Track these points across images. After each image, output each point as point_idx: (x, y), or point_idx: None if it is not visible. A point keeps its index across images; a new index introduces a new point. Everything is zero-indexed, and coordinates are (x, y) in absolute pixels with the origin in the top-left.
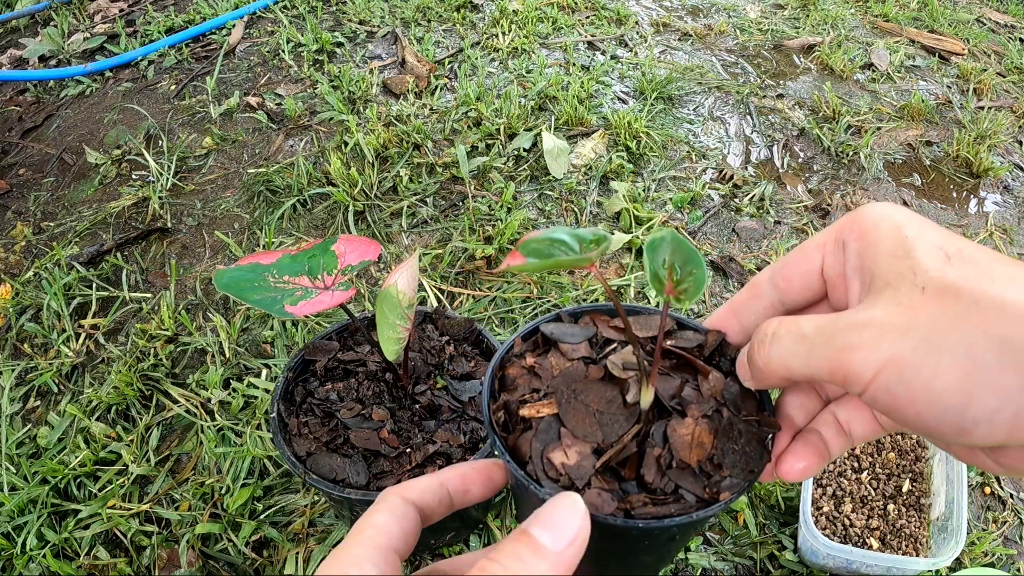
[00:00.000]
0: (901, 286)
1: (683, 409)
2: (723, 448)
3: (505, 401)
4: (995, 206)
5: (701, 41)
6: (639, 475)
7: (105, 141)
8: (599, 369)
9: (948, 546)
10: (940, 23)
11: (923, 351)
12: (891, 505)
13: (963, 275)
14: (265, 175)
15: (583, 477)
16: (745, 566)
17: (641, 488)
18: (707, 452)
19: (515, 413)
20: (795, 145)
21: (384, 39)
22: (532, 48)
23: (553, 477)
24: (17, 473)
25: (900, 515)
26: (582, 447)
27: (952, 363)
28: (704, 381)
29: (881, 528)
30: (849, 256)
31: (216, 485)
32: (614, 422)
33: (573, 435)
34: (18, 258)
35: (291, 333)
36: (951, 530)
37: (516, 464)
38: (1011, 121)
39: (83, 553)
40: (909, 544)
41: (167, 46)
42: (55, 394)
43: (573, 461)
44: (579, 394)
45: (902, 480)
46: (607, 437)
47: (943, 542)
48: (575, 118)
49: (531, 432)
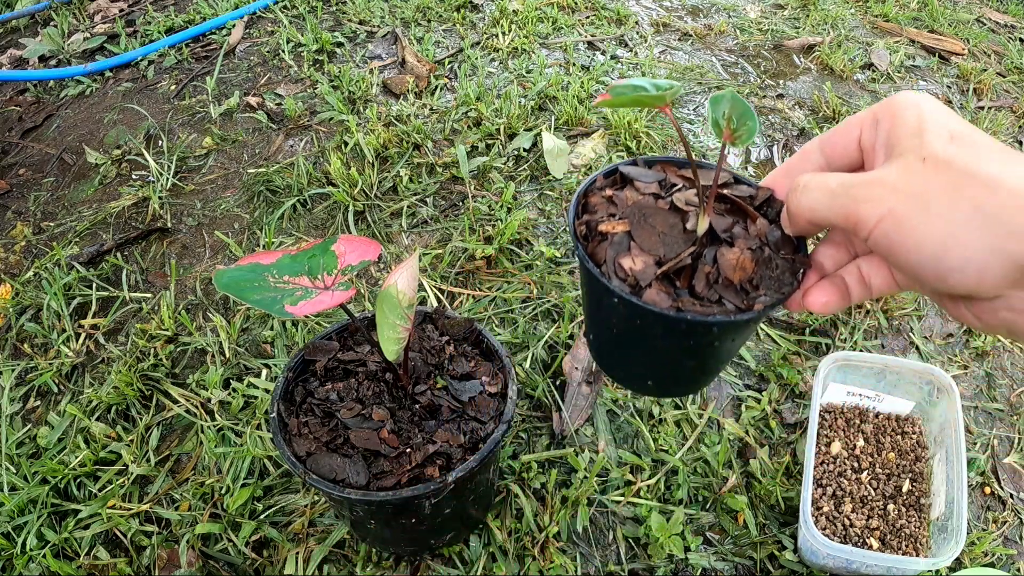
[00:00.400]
0: (909, 156)
1: (732, 241)
2: (761, 274)
3: (587, 220)
4: None
5: (701, 41)
6: (691, 285)
7: (105, 141)
8: (666, 203)
9: (948, 546)
10: (940, 23)
11: (916, 208)
12: (891, 505)
13: (959, 153)
14: (265, 175)
15: (646, 279)
16: (745, 566)
17: (691, 295)
18: (748, 275)
19: (594, 228)
20: (795, 145)
21: (384, 39)
22: (532, 48)
23: (621, 277)
24: (17, 473)
25: (900, 515)
26: (647, 258)
27: (936, 220)
28: (752, 224)
29: (881, 528)
30: (880, 132)
31: (216, 485)
32: (674, 242)
33: (640, 248)
34: (18, 258)
35: (291, 333)
36: (951, 530)
37: (595, 267)
38: (1011, 121)
39: (83, 553)
40: (909, 544)
41: (167, 46)
42: (55, 394)
43: (639, 267)
44: (648, 218)
45: (902, 480)
46: (668, 252)
47: (943, 542)
48: (575, 118)
49: (607, 243)
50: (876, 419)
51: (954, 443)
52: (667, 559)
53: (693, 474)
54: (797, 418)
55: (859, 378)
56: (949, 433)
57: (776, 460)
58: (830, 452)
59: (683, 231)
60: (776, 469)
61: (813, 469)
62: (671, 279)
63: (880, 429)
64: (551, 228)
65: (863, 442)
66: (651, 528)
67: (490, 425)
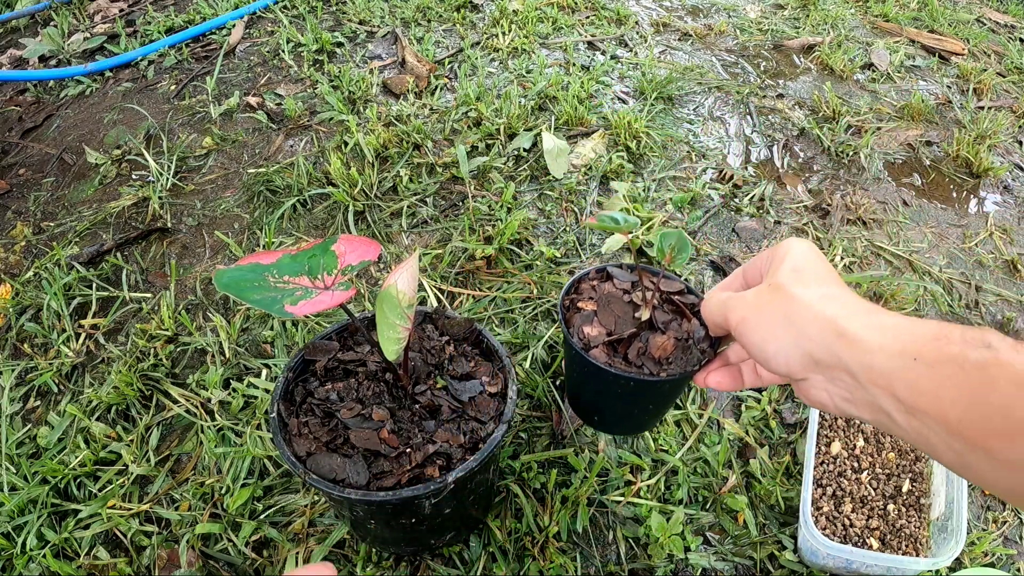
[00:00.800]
0: (765, 282)
1: (664, 330)
2: (677, 356)
3: (573, 297)
4: (995, 206)
5: (701, 41)
6: (626, 353)
7: (105, 141)
8: (628, 297)
9: (948, 546)
10: (940, 23)
11: (756, 315)
12: (891, 505)
13: (790, 280)
14: (265, 175)
15: (596, 342)
16: (745, 566)
17: (624, 360)
18: (666, 354)
19: (575, 304)
20: (795, 145)
21: (384, 39)
22: (532, 48)
23: (580, 338)
24: (17, 473)
25: (900, 515)
26: (601, 329)
27: (764, 324)
28: (686, 322)
29: (881, 528)
30: (766, 265)
31: (216, 485)
32: (624, 323)
33: (600, 323)
34: (18, 258)
35: (291, 333)
36: (951, 530)
37: (566, 328)
38: (1011, 121)
39: (83, 553)
40: (909, 544)
41: (167, 46)
42: (55, 394)
43: (594, 334)
44: (611, 304)
45: (902, 480)
46: (617, 329)
47: (943, 542)
48: (575, 118)
49: (579, 315)
50: None
51: None
52: (667, 559)
53: (693, 474)
54: (797, 418)
55: None
56: None
57: (776, 460)
58: (830, 452)
59: (632, 317)
60: (776, 469)
61: (813, 469)
62: (614, 346)
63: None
64: (551, 228)
65: (863, 442)
66: (651, 528)
67: (490, 425)
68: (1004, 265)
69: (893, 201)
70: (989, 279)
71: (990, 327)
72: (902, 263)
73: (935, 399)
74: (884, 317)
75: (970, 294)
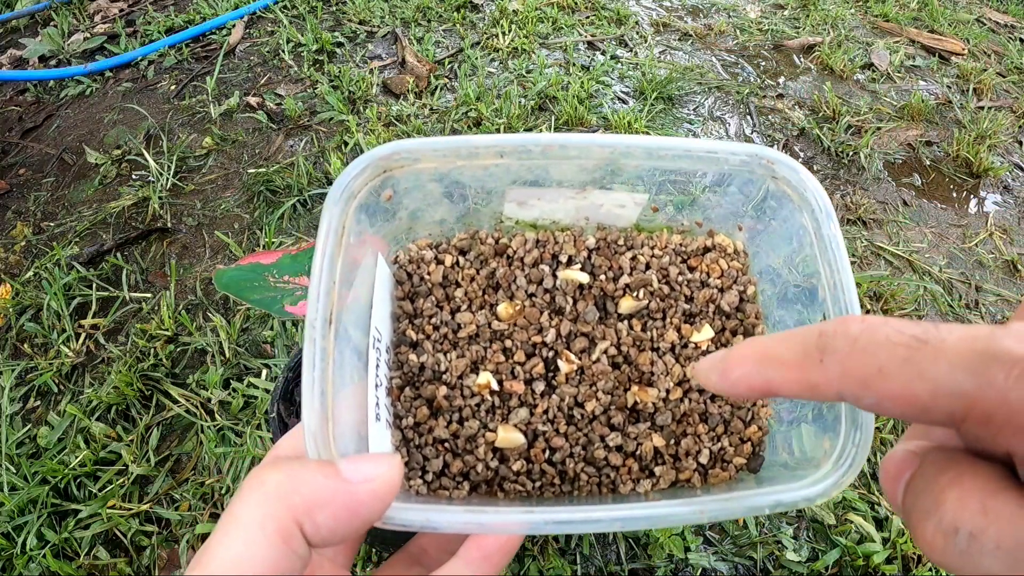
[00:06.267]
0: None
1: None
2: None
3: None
4: (995, 206)
5: (701, 41)
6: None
7: (105, 141)
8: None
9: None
10: (940, 23)
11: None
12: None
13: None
14: (265, 175)
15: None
16: (745, 566)
17: None
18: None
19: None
20: (795, 145)
21: (384, 39)
22: (532, 48)
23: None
24: (17, 473)
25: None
26: None
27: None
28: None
29: None
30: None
31: (216, 485)
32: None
33: None
34: (18, 258)
35: (291, 333)
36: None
37: None
38: (1011, 121)
39: (83, 553)
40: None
41: (167, 46)
42: (55, 394)
43: None
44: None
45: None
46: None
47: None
48: (575, 118)
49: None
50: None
51: None
52: (667, 559)
53: None
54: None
55: None
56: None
57: None
58: None
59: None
60: None
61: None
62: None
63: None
64: None
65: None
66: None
67: None
68: (1004, 265)
69: (893, 201)
70: (989, 279)
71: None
72: (902, 263)
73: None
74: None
75: (970, 294)
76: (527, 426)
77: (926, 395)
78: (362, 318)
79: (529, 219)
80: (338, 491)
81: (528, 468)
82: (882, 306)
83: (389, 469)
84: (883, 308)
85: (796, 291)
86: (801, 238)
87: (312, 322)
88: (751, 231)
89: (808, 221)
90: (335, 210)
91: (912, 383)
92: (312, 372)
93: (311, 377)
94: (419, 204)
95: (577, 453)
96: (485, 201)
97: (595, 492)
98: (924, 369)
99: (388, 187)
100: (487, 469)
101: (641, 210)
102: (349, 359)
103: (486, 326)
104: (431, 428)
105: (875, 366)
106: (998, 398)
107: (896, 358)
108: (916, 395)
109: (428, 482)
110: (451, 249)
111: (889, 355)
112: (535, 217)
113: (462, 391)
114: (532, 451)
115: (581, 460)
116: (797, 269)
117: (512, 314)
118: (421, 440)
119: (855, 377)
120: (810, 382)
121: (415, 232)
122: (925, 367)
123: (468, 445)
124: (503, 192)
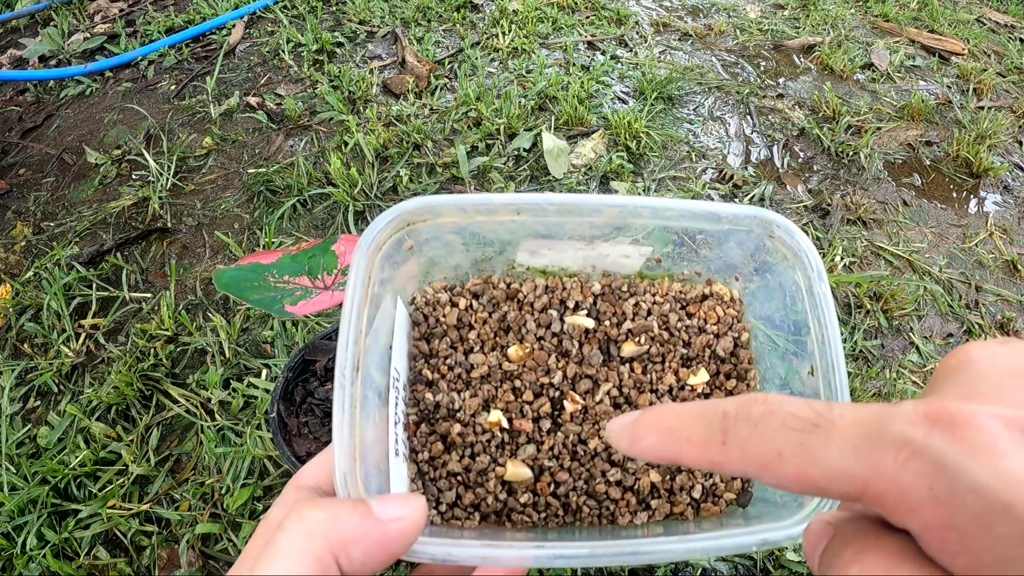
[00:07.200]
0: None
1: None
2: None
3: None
4: (995, 206)
5: (701, 41)
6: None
7: (105, 141)
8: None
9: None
10: (940, 23)
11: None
12: None
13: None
14: (265, 175)
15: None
16: (745, 566)
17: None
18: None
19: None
20: (795, 145)
21: (384, 39)
22: (532, 48)
23: None
24: (17, 473)
25: None
26: None
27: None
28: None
29: None
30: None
31: (216, 485)
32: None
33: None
34: (18, 258)
35: (291, 333)
36: None
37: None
38: (1011, 121)
39: (83, 553)
40: None
41: (167, 46)
42: (55, 394)
43: None
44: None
45: None
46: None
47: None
48: (575, 118)
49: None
50: None
51: None
52: None
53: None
54: None
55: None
56: None
57: None
58: None
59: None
60: None
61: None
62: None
63: None
64: None
65: None
66: None
67: None
68: (1004, 265)
69: (893, 201)
70: (989, 279)
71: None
72: (902, 263)
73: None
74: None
75: (970, 294)
76: (534, 461)
77: (820, 479)
78: (382, 359)
79: (539, 266)
80: (371, 528)
81: (534, 500)
82: (882, 306)
83: (415, 510)
84: (883, 308)
85: (787, 341)
86: (793, 293)
87: (342, 369)
88: (747, 281)
89: (801, 279)
90: (363, 262)
91: (806, 467)
92: (342, 417)
93: (341, 422)
94: (437, 252)
95: (580, 487)
96: (499, 250)
97: (596, 523)
98: (816, 454)
99: (411, 238)
100: (496, 501)
101: (645, 260)
102: (371, 399)
103: (497, 367)
104: (445, 462)
105: (773, 450)
106: (888, 481)
107: (792, 442)
108: (811, 478)
109: (441, 512)
110: (465, 292)
111: (786, 439)
112: (545, 264)
113: (474, 428)
114: (538, 484)
115: (583, 493)
116: (789, 320)
117: (522, 356)
118: (436, 473)
119: (755, 461)
120: (713, 461)
121: (431, 275)
122: (817, 452)
123: (479, 478)
124: (517, 243)
